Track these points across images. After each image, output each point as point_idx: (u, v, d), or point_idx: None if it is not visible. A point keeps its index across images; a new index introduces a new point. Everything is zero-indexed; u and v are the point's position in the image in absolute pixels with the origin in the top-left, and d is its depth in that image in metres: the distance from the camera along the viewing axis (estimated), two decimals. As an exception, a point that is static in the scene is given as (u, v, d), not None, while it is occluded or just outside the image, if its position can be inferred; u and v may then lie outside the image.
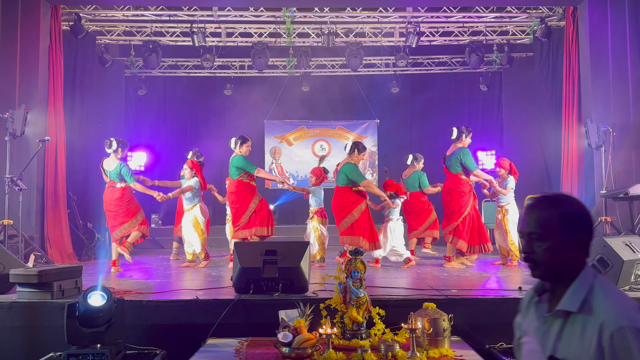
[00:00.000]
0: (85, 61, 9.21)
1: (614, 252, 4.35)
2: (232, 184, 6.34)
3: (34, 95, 7.23)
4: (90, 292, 3.21)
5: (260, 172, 6.48)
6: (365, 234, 6.05)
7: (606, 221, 6.65)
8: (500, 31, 10.12)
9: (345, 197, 6.18)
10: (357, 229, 6.05)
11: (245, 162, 6.29)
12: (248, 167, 6.27)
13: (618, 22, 7.50)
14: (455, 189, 6.17)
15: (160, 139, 11.22)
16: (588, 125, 7.17)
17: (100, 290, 3.22)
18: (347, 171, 6.17)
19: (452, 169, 6.23)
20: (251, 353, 3.23)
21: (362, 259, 3.50)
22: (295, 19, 9.45)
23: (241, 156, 6.35)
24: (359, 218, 6.08)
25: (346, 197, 6.17)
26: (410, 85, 11.89)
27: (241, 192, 6.24)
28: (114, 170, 6.17)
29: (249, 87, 11.82)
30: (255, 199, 6.25)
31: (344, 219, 6.12)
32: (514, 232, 6.26)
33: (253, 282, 4.04)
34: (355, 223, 6.06)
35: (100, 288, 3.23)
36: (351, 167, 6.19)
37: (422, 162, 7.61)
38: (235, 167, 6.29)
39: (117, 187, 6.18)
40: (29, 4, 7.32)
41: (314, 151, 12.36)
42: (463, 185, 6.16)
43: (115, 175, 6.17)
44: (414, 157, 7.57)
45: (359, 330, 3.39)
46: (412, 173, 7.44)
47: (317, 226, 6.68)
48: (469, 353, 3.24)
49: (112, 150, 6.22)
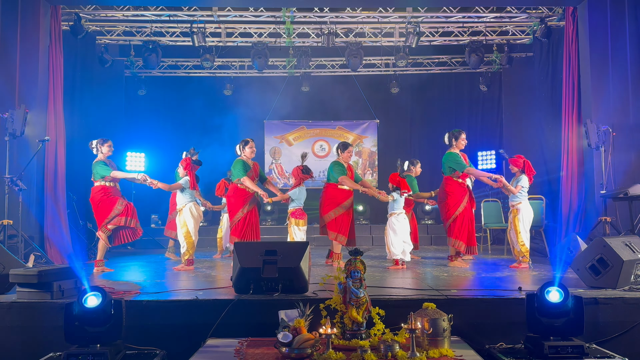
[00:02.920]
0: (85, 61, 9.22)
1: (614, 252, 4.35)
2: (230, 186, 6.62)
3: (33, 95, 7.23)
4: (85, 293, 3.21)
5: (246, 181, 6.34)
6: (342, 230, 6.38)
7: (606, 221, 6.64)
8: (500, 31, 10.12)
9: (328, 193, 6.51)
10: (335, 224, 6.38)
11: (236, 166, 6.44)
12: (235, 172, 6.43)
13: (618, 22, 7.49)
14: (445, 189, 6.41)
15: (159, 139, 11.21)
16: (588, 125, 7.16)
17: (93, 291, 3.21)
18: (329, 169, 6.62)
19: (445, 171, 6.48)
20: (251, 353, 3.23)
21: (361, 259, 3.50)
22: (295, 19, 9.45)
23: (239, 160, 6.48)
24: (340, 215, 6.41)
25: (330, 193, 6.50)
26: (410, 85, 11.88)
27: (230, 196, 6.45)
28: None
29: (249, 87, 11.82)
30: (243, 208, 6.30)
31: (326, 213, 6.44)
32: (524, 232, 6.10)
33: (253, 282, 4.04)
34: (334, 220, 6.40)
35: (93, 289, 3.23)
36: (331, 165, 6.59)
37: (419, 167, 7.64)
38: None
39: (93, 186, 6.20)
40: (29, 4, 7.31)
41: (314, 151, 12.36)
42: (452, 186, 6.35)
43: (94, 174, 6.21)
44: (410, 162, 7.60)
45: (359, 330, 3.39)
46: (406, 177, 7.44)
47: (291, 228, 6.79)
48: (468, 353, 3.24)
49: (95, 152, 6.29)
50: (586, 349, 3.26)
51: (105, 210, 6.11)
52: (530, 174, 6.27)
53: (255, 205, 6.43)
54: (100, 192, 6.12)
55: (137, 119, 11.28)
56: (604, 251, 4.42)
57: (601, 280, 4.39)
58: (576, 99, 7.86)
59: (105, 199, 6.12)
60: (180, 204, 6.42)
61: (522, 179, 6.24)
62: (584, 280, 4.56)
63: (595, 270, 4.44)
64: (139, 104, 11.49)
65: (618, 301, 3.89)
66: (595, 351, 3.36)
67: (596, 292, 4.14)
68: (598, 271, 4.42)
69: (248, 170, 6.37)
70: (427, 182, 11.85)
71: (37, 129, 7.14)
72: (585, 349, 3.25)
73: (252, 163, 6.50)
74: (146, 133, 11.09)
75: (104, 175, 6.11)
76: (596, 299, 3.88)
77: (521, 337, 3.51)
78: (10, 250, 5.47)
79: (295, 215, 6.80)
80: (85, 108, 8.96)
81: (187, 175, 6.36)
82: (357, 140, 12.48)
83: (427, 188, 8.13)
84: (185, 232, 6.26)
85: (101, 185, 6.13)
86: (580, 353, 3.21)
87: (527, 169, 6.27)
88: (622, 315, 3.85)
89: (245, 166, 6.37)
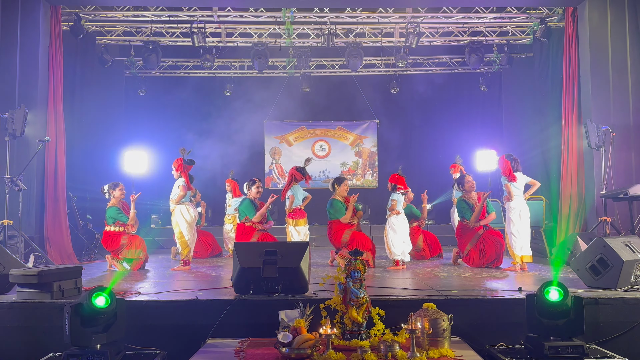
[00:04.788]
0: (85, 61, 9.21)
1: (614, 252, 4.35)
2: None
3: (34, 95, 7.23)
4: (95, 292, 3.20)
5: (256, 219, 6.68)
6: (361, 245, 6.43)
7: (606, 221, 6.64)
8: (500, 31, 10.12)
9: (334, 227, 6.65)
10: (354, 243, 6.45)
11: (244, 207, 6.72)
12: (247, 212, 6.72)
13: (618, 22, 7.50)
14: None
15: (159, 139, 11.20)
16: (588, 125, 7.16)
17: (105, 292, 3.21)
18: (328, 207, 6.71)
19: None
20: (251, 353, 3.23)
21: (361, 260, 3.50)
22: (295, 20, 9.45)
23: (247, 200, 6.76)
24: (351, 235, 6.54)
25: (336, 227, 6.63)
26: (410, 85, 11.88)
27: (239, 236, 6.67)
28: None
29: (249, 87, 11.81)
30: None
31: (340, 239, 6.56)
32: (510, 235, 5.99)
33: (253, 283, 4.04)
34: (349, 240, 6.50)
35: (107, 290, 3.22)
36: (330, 204, 6.71)
37: (410, 194, 7.55)
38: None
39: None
40: (29, 4, 7.31)
41: (314, 151, 12.36)
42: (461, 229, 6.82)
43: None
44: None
45: (359, 330, 3.39)
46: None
47: (288, 228, 6.82)
48: (469, 353, 3.24)
49: (107, 196, 6.54)
50: (586, 349, 3.26)
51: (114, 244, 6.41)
52: (508, 176, 6.04)
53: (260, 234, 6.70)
54: (111, 236, 6.40)
55: (137, 119, 11.28)
56: (604, 251, 4.42)
57: (601, 281, 4.39)
58: (576, 99, 7.86)
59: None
60: (172, 205, 6.50)
61: (506, 185, 6.06)
62: (584, 280, 4.56)
63: (595, 270, 4.44)
64: (139, 104, 11.48)
65: (618, 301, 3.89)
66: (595, 351, 3.36)
67: (596, 292, 4.14)
68: (598, 271, 4.42)
69: (255, 208, 6.70)
70: (428, 182, 11.88)
71: (37, 129, 7.14)
72: (585, 349, 3.25)
73: (259, 203, 6.81)
74: (146, 133, 11.08)
75: (117, 220, 6.37)
76: (596, 299, 3.88)
77: (521, 337, 3.51)
78: (10, 250, 5.49)
79: (292, 216, 6.79)
80: (85, 108, 8.96)
81: (181, 177, 6.39)
82: (357, 140, 12.48)
83: (427, 188, 8.11)
84: (178, 232, 6.36)
85: (112, 230, 6.38)
86: (580, 353, 3.21)
87: (504, 172, 6.08)
88: (622, 315, 3.85)
89: (254, 205, 6.71)
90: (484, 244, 6.44)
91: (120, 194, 6.47)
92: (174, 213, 6.40)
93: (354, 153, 12.49)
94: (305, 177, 6.90)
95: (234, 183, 8.36)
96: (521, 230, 5.96)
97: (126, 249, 6.33)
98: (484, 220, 6.63)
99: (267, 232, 6.75)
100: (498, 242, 6.39)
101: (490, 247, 6.39)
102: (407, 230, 6.44)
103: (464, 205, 6.76)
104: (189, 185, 6.42)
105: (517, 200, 6.03)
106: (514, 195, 6.02)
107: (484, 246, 6.43)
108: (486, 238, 6.47)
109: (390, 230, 6.35)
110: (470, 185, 6.79)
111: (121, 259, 6.36)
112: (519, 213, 6.00)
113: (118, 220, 6.37)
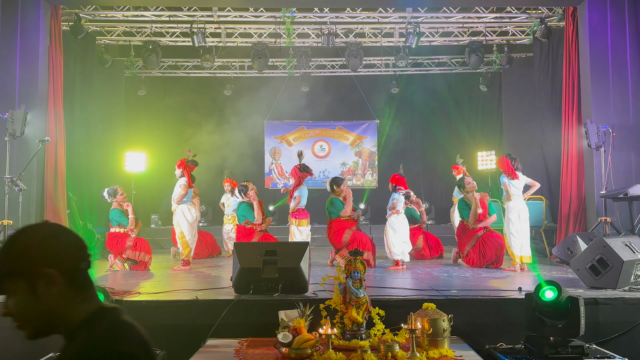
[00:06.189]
0: (85, 61, 9.20)
1: (614, 252, 4.35)
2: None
3: (33, 95, 7.23)
4: None
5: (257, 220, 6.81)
6: (361, 245, 6.43)
7: (606, 221, 6.64)
8: (500, 31, 10.12)
9: (334, 226, 6.65)
10: (355, 243, 6.44)
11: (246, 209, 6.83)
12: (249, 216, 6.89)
13: (618, 22, 7.50)
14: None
15: (159, 139, 11.20)
16: (588, 125, 7.16)
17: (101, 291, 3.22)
18: (327, 206, 6.75)
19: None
20: (251, 353, 3.23)
21: (362, 259, 3.50)
22: (295, 20, 9.44)
23: (245, 203, 6.87)
24: (351, 235, 6.53)
25: (336, 226, 6.64)
26: (410, 85, 11.88)
27: (240, 238, 6.74)
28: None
29: (249, 87, 11.81)
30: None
31: (341, 239, 6.54)
32: (509, 235, 6.00)
33: (253, 283, 4.04)
34: (349, 240, 6.49)
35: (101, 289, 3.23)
36: (329, 203, 6.75)
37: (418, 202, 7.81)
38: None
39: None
40: (29, 4, 7.32)
41: (314, 151, 12.36)
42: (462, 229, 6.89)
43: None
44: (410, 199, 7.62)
45: (359, 330, 3.39)
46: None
47: (291, 228, 6.84)
48: (468, 353, 3.24)
49: (110, 201, 6.62)
50: (586, 349, 3.26)
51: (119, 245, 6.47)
52: (509, 174, 6.05)
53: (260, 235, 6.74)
54: (117, 237, 6.46)
55: (137, 119, 11.28)
56: (604, 251, 4.42)
57: (601, 281, 4.39)
58: (576, 99, 7.86)
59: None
60: (174, 205, 6.54)
61: (505, 184, 6.09)
62: (584, 280, 4.56)
63: (595, 270, 4.44)
64: (139, 104, 11.48)
65: (618, 301, 3.90)
66: (595, 351, 3.36)
67: (596, 292, 4.14)
68: (598, 271, 4.42)
69: (253, 210, 6.77)
70: (428, 181, 11.89)
71: (37, 129, 7.14)
72: (585, 349, 3.25)
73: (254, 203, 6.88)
74: (146, 133, 11.08)
75: (119, 223, 6.43)
76: (596, 299, 3.88)
77: (521, 337, 3.51)
78: (10, 250, 5.47)
79: (296, 216, 6.79)
80: (85, 108, 8.95)
81: (183, 176, 6.42)
82: (357, 140, 12.48)
83: (427, 187, 8.11)
84: (179, 232, 6.42)
85: (116, 232, 6.44)
86: (580, 353, 3.21)
87: (505, 170, 6.10)
88: (622, 315, 3.85)
89: (251, 208, 6.79)
90: (483, 246, 6.44)
91: (121, 198, 6.55)
92: (176, 213, 6.44)
93: (354, 153, 12.49)
94: (309, 173, 6.99)
95: (234, 183, 8.36)
96: (520, 230, 5.96)
97: (131, 250, 6.37)
98: (484, 222, 6.63)
99: (267, 232, 6.76)
100: (498, 244, 6.39)
101: (490, 249, 6.39)
102: (407, 231, 6.44)
103: (464, 206, 6.76)
104: (190, 184, 6.44)
105: (516, 201, 6.04)
106: (513, 195, 6.03)
107: (483, 248, 6.42)
108: (486, 240, 6.47)
109: (390, 230, 6.36)
110: (472, 186, 6.79)
111: (125, 259, 6.39)
112: (518, 213, 6.00)
113: (120, 223, 6.43)
